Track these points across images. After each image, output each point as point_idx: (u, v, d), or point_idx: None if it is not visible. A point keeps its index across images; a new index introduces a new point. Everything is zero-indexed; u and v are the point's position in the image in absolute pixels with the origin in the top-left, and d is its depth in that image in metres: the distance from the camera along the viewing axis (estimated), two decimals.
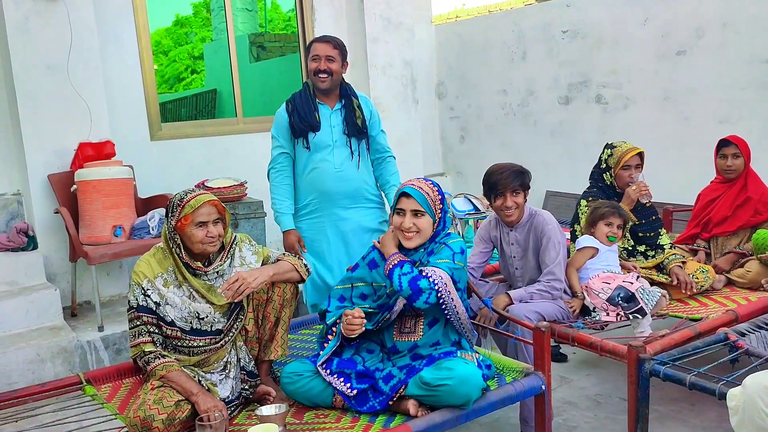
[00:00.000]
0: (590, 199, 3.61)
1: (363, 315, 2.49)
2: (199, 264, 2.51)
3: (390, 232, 2.65)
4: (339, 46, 3.51)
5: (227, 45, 5.99)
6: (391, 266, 2.50)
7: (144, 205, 4.53)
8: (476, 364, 2.39)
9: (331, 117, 3.54)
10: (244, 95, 5.95)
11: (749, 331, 2.81)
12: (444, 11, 7.66)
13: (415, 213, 2.53)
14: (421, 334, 2.55)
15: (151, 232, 4.23)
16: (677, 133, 4.89)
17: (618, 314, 3.09)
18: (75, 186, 4.25)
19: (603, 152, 3.73)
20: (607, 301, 3.10)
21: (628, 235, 3.56)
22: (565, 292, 3.15)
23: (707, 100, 4.71)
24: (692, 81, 4.79)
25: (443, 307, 2.49)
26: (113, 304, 4.54)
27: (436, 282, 2.43)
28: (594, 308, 3.14)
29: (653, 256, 3.61)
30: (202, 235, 2.44)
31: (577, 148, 5.55)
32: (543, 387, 2.51)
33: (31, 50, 4.31)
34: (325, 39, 3.54)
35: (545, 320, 2.94)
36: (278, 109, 3.61)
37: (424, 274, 2.46)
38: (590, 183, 3.78)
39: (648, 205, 3.65)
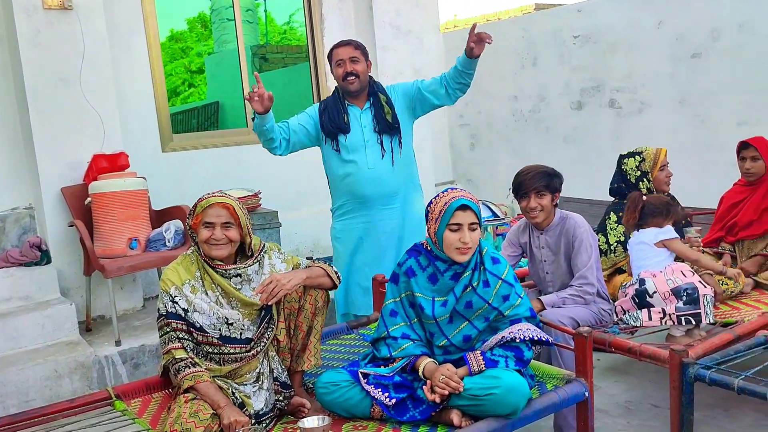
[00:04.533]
0: (621, 214, 3.55)
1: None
2: (219, 262, 2.48)
3: (435, 370, 2.37)
4: (360, 46, 3.51)
5: (233, 57, 5.97)
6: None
7: (158, 217, 4.46)
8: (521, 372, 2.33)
9: (361, 117, 3.52)
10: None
11: None
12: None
13: (472, 227, 2.43)
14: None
15: (168, 244, 4.16)
16: (695, 137, 4.85)
17: (667, 313, 3.01)
18: (89, 198, 4.18)
19: (624, 164, 3.67)
20: (671, 291, 3.02)
21: None
22: (598, 295, 3.09)
23: (725, 102, 4.68)
24: (709, 84, 4.77)
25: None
26: (128, 317, 4.47)
27: (533, 342, 2.42)
28: (654, 292, 3.03)
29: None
30: (207, 236, 2.43)
31: (591, 153, 5.52)
32: (586, 394, 2.45)
33: (43, 62, 4.25)
34: (344, 43, 3.53)
35: (579, 325, 2.88)
36: (311, 106, 3.65)
37: (516, 341, 2.38)
38: (617, 198, 3.71)
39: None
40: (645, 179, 3.59)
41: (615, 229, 3.55)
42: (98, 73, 4.44)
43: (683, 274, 3.06)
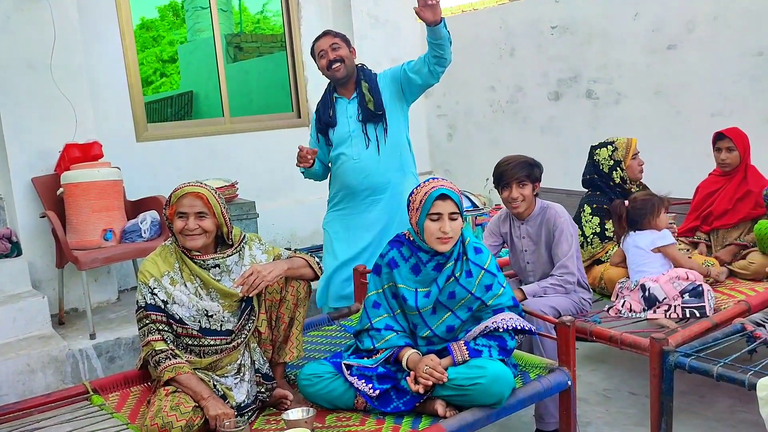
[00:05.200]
0: (594, 205, 3.58)
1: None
2: (197, 253, 2.44)
3: (419, 361, 2.35)
4: (338, 34, 3.50)
5: (208, 46, 5.89)
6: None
7: (134, 208, 4.39)
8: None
9: (347, 108, 3.51)
10: (230, 95, 5.83)
11: (764, 321, 2.81)
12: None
13: (452, 217, 2.41)
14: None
15: (144, 235, 4.10)
16: (670, 127, 4.89)
17: (672, 305, 3.05)
18: (62, 189, 4.09)
19: (597, 154, 3.70)
20: (679, 292, 3.07)
21: None
22: (578, 284, 3.11)
23: (699, 93, 4.72)
24: (684, 75, 4.80)
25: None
26: (102, 310, 4.39)
27: (516, 332, 2.42)
28: (664, 298, 3.08)
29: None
30: (181, 226, 2.40)
31: (568, 143, 5.53)
32: (569, 383, 2.46)
33: (12, 49, 4.15)
34: (323, 34, 3.55)
35: (560, 315, 2.89)
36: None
37: (499, 331, 2.38)
38: (590, 189, 3.74)
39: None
40: (618, 168, 3.62)
41: (590, 221, 3.58)
42: (70, 60, 4.35)
43: (687, 276, 3.13)
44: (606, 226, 3.55)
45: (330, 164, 3.70)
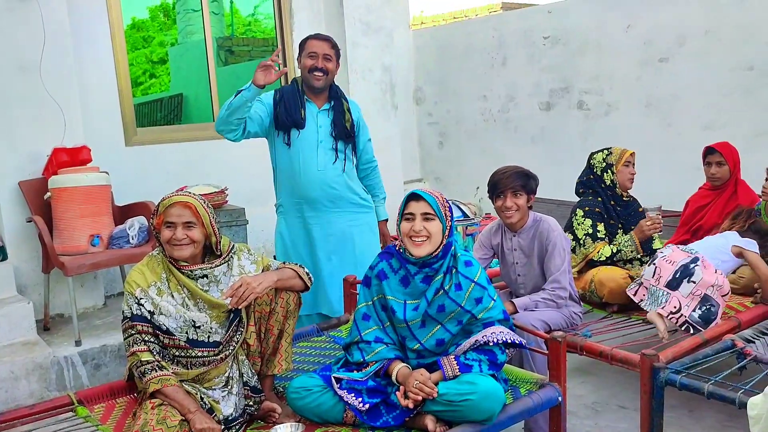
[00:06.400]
0: (587, 208, 3.59)
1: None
2: (184, 263, 2.41)
3: (409, 375, 2.33)
4: (336, 46, 3.44)
5: (199, 48, 5.85)
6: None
7: (121, 213, 4.33)
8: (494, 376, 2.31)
9: (318, 116, 3.44)
10: (220, 99, 5.80)
11: (754, 338, 2.81)
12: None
13: (426, 217, 2.41)
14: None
15: (131, 241, 4.05)
16: (660, 139, 4.92)
17: (681, 314, 3.03)
18: (49, 193, 4.04)
19: (592, 159, 3.73)
20: (703, 296, 3.05)
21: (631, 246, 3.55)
22: (570, 298, 3.10)
23: (690, 106, 4.76)
24: (675, 88, 4.84)
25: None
26: (88, 316, 4.33)
27: (506, 345, 2.39)
28: (695, 281, 3.05)
29: (648, 262, 3.61)
30: (169, 236, 2.37)
31: (559, 153, 5.55)
32: (560, 399, 2.45)
33: (1, 50, 4.09)
34: (323, 37, 3.45)
35: (551, 329, 2.89)
36: (264, 93, 3.46)
37: (489, 344, 2.35)
38: (581, 195, 3.76)
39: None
40: (609, 170, 3.66)
41: (582, 223, 3.59)
42: (59, 62, 4.29)
43: (722, 290, 3.11)
44: (598, 228, 3.56)
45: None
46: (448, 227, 2.46)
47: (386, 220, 3.77)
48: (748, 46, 4.42)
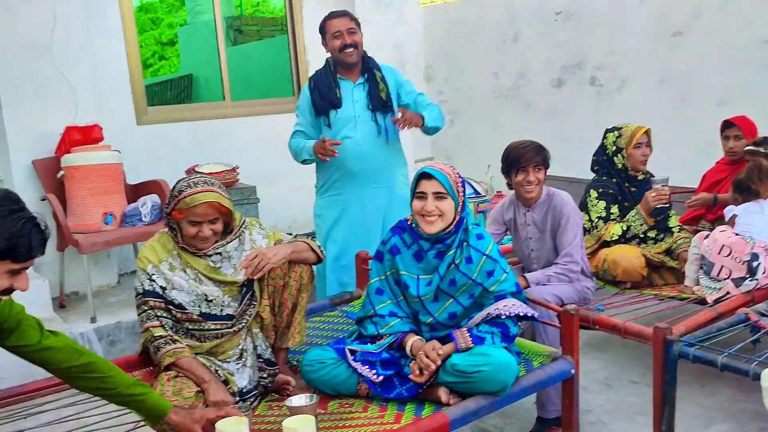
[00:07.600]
0: (600, 190, 3.56)
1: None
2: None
3: (421, 348, 2.34)
4: (354, 18, 3.45)
5: (208, 28, 5.85)
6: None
7: (134, 192, 4.37)
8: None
9: (353, 91, 3.46)
10: (231, 79, 5.79)
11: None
12: None
13: (438, 196, 2.40)
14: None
15: (144, 219, 4.08)
16: (675, 115, 4.85)
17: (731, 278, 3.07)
18: (62, 172, 4.07)
19: (605, 138, 3.68)
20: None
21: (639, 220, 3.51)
22: (582, 272, 3.09)
23: (705, 81, 4.69)
24: (690, 62, 4.76)
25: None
26: (102, 294, 4.38)
27: (519, 318, 2.39)
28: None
29: (662, 239, 3.59)
30: (194, 233, 2.35)
31: (571, 131, 5.50)
32: (572, 371, 2.45)
33: (13, 29, 4.11)
34: (339, 13, 3.46)
35: (563, 303, 2.88)
36: (303, 87, 3.56)
37: (502, 317, 2.35)
38: (596, 172, 3.72)
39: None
40: (619, 155, 3.60)
41: (596, 205, 3.56)
42: (71, 41, 4.31)
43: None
44: (611, 210, 3.53)
45: None
46: (461, 203, 2.45)
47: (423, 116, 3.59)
48: (765, 19, 4.34)
